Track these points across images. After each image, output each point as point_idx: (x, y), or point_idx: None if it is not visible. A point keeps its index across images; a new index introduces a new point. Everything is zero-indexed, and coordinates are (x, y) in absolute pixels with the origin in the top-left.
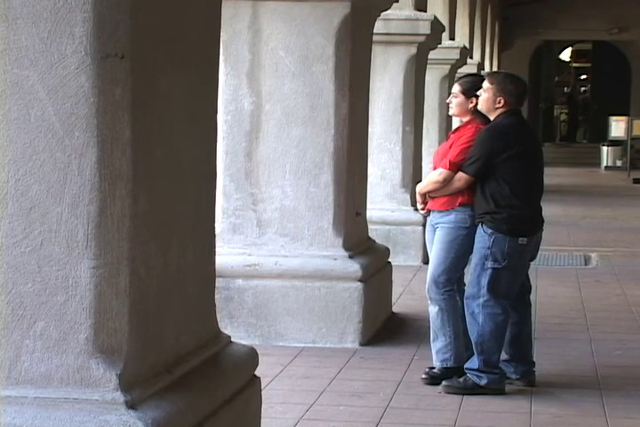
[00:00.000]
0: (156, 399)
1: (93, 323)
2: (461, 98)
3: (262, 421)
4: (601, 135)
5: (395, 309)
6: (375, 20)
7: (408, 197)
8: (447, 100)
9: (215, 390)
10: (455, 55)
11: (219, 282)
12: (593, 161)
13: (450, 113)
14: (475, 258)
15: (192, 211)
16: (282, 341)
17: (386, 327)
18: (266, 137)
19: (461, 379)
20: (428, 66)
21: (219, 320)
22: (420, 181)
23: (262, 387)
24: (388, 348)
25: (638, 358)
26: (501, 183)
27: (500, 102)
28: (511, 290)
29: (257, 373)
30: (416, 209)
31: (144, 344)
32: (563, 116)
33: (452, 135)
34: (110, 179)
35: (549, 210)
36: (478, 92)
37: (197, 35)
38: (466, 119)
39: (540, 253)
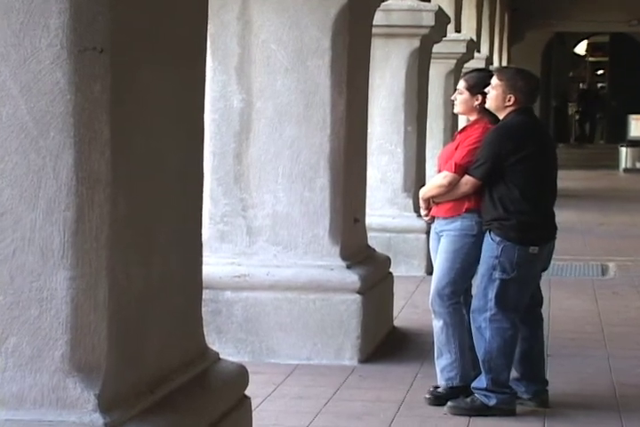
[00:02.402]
0: (137, 422)
1: (70, 339)
2: (467, 95)
3: None
4: (619, 135)
5: (396, 323)
6: (375, 11)
7: (410, 202)
8: (452, 97)
9: (202, 411)
10: (461, 49)
11: (206, 294)
12: (611, 163)
13: (455, 111)
14: (482, 268)
15: (177, 217)
16: (274, 358)
17: (386, 343)
18: (257, 137)
19: (468, 399)
20: (432, 60)
21: (206, 335)
22: (424, 184)
23: (253, 408)
24: (388, 365)
25: None
26: (511, 187)
27: (509, 100)
28: (520, 303)
29: (247, 392)
30: (419, 215)
31: (124, 362)
32: (578, 115)
33: (458, 136)
34: (88, 182)
35: (563, 216)
36: (486, 89)
37: (183, 27)
38: (473, 118)
39: (552, 262)
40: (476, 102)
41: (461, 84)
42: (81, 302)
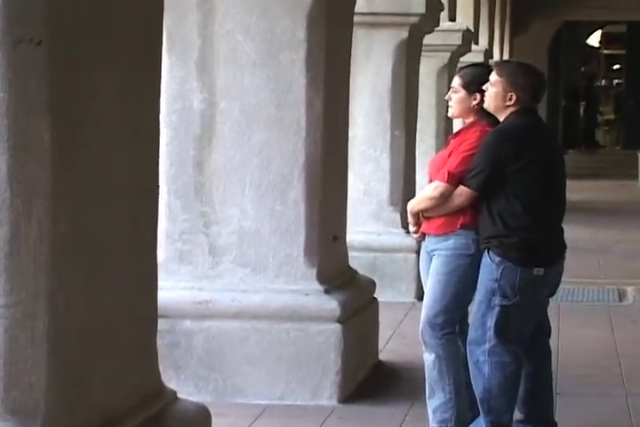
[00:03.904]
0: None
1: (3, 376)
2: (462, 93)
3: None
4: (638, 139)
5: (382, 356)
6: None
7: (398, 216)
8: (445, 97)
9: None
10: (456, 40)
11: (161, 324)
12: (628, 172)
13: (449, 114)
14: (479, 293)
15: (128, 235)
16: (240, 397)
17: (371, 380)
18: (221, 143)
19: None
20: (422, 54)
21: (161, 372)
22: (413, 197)
23: None
24: (373, 406)
25: None
26: (512, 200)
27: (510, 99)
28: (524, 333)
29: None
30: (408, 232)
31: (67, 403)
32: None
33: (452, 140)
34: (24, 195)
35: (573, 233)
36: (484, 87)
37: (135, 16)
38: (469, 120)
39: (561, 286)
40: (474, 102)
41: (456, 82)
42: (16, 333)
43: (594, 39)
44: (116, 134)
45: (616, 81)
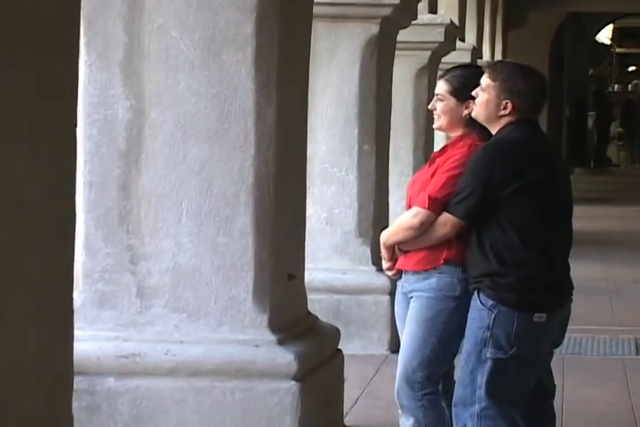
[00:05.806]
0: None
1: None
2: (452, 101)
3: None
4: None
5: (347, 421)
6: None
7: (368, 250)
8: (429, 106)
9: None
10: (438, 36)
11: (78, 382)
12: None
13: (435, 126)
14: (468, 344)
15: (35, 275)
16: None
17: None
18: (151, 160)
19: None
20: (397, 52)
21: None
22: (387, 226)
23: None
24: None
25: None
26: (508, 230)
27: (505, 108)
28: (522, 392)
29: None
30: (380, 269)
31: None
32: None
33: (437, 159)
34: None
35: (582, 270)
36: (474, 93)
37: (46, 6)
38: (456, 134)
39: (567, 335)
40: (465, 111)
41: (443, 87)
42: None
43: (604, 35)
44: (24, 150)
45: (630, 85)
